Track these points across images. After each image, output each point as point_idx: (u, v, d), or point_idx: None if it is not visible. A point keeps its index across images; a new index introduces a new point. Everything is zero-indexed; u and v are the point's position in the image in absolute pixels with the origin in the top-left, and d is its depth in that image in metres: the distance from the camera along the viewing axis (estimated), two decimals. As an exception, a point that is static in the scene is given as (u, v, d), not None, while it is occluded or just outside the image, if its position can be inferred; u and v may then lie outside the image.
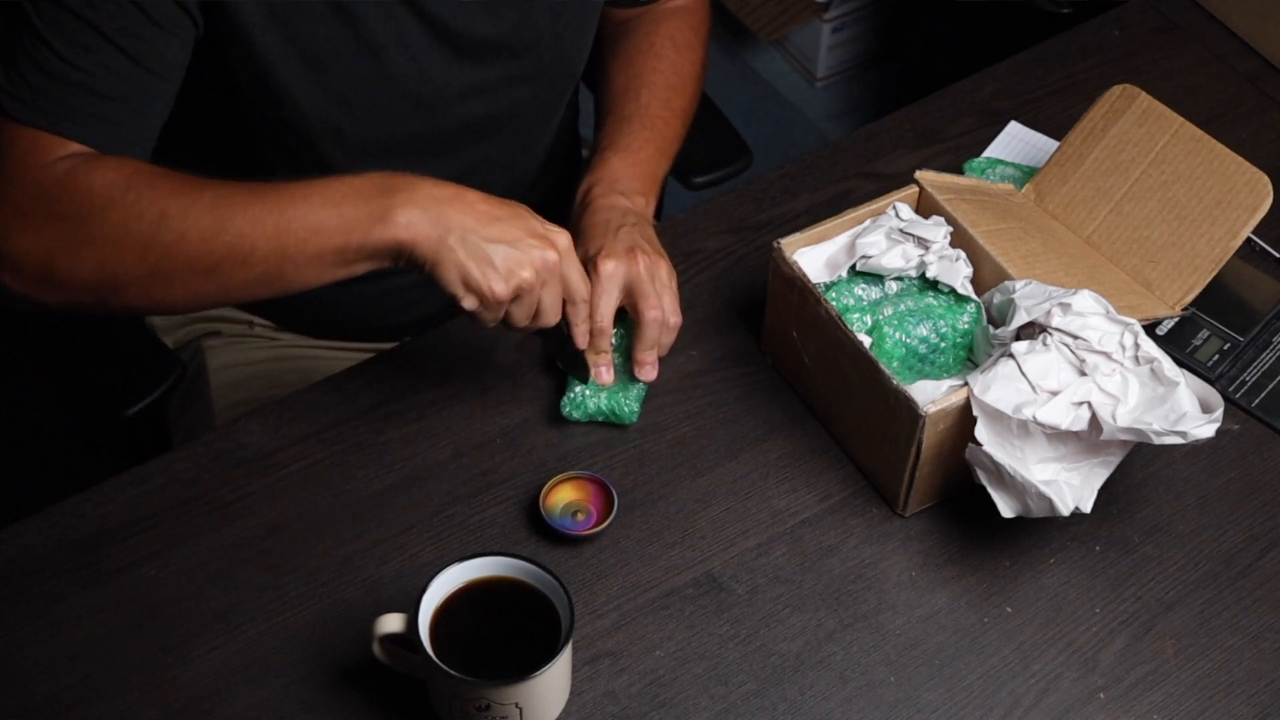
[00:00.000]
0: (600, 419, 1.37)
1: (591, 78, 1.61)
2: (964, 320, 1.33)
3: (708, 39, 1.62)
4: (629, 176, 1.43)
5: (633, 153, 1.45)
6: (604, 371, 1.36)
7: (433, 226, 1.22)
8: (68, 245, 1.23)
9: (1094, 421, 1.22)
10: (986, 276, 1.35)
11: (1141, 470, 1.36)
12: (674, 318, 1.36)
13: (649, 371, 1.36)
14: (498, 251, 1.23)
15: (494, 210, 1.24)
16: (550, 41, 1.44)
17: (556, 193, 1.66)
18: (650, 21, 1.57)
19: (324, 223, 1.22)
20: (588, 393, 1.36)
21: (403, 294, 1.56)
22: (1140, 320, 1.28)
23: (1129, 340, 1.24)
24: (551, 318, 1.28)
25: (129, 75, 1.25)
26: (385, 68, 1.36)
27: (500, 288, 1.23)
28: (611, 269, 1.33)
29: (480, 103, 1.44)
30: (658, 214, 1.83)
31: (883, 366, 1.27)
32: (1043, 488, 1.21)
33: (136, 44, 1.24)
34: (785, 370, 1.42)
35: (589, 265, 1.34)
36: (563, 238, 1.26)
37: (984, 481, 1.24)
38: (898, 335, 1.32)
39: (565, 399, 1.37)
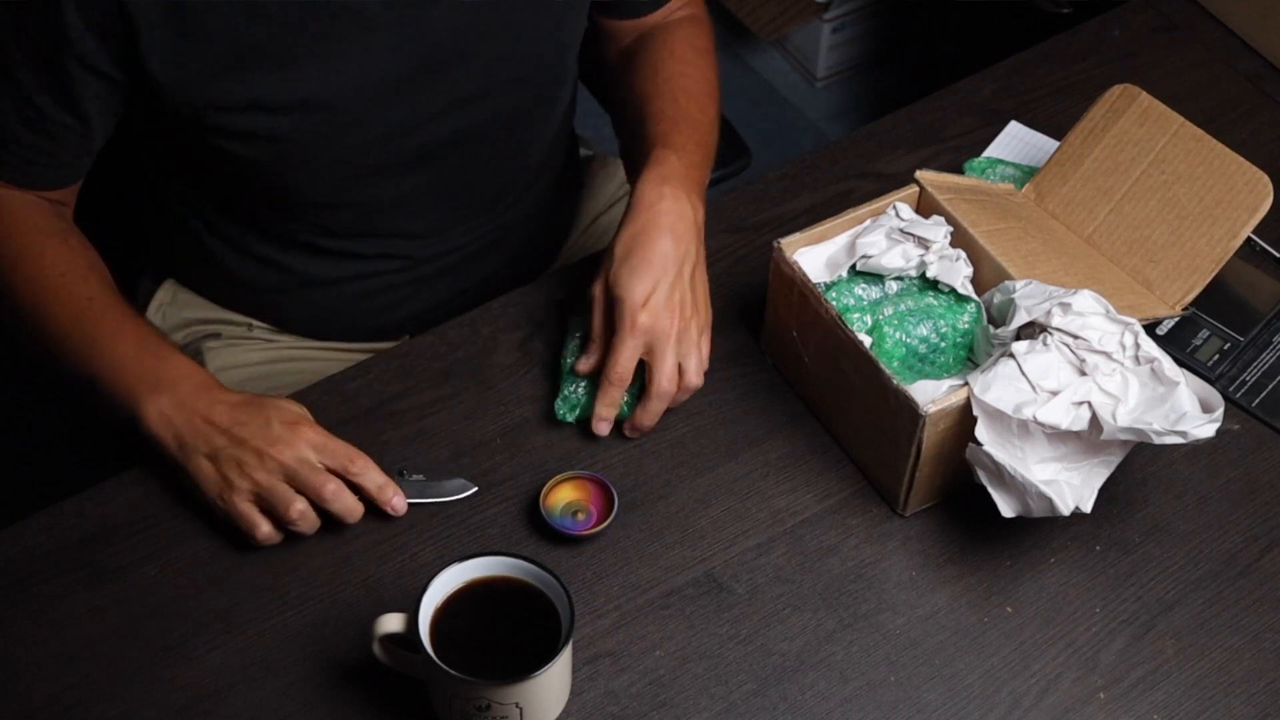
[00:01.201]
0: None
1: (606, 90, 1.60)
2: (964, 320, 1.33)
3: (714, 43, 1.61)
4: (687, 179, 1.39)
5: (687, 153, 1.41)
6: (602, 425, 1.35)
7: (174, 437, 1.29)
8: None
9: (1094, 421, 1.22)
10: (986, 276, 1.35)
11: (1141, 470, 1.36)
12: (694, 380, 1.35)
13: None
14: (218, 469, 1.28)
15: (230, 418, 1.28)
16: (525, 52, 1.42)
17: (555, 194, 1.65)
18: (666, 31, 1.55)
19: (99, 386, 1.32)
20: (580, 392, 1.36)
21: (394, 291, 1.56)
22: (1140, 320, 1.28)
23: (1129, 340, 1.25)
24: (287, 509, 1.26)
25: (23, 137, 1.34)
26: (350, 100, 1.35)
27: (228, 499, 1.27)
28: (646, 324, 1.32)
29: (455, 118, 1.42)
30: None
31: (883, 366, 1.27)
32: (1043, 487, 1.21)
33: (30, 112, 1.32)
34: (785, 370, 1.42)
35: (623, 301, 1.32)
36: (290, 449, 1.27)
37: (984, 481, 1.24)
38: (898, 335, 1.32)
39: (559, 400, 1.37)
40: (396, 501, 1.30)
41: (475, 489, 1.34)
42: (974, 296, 1.35)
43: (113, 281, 1.39)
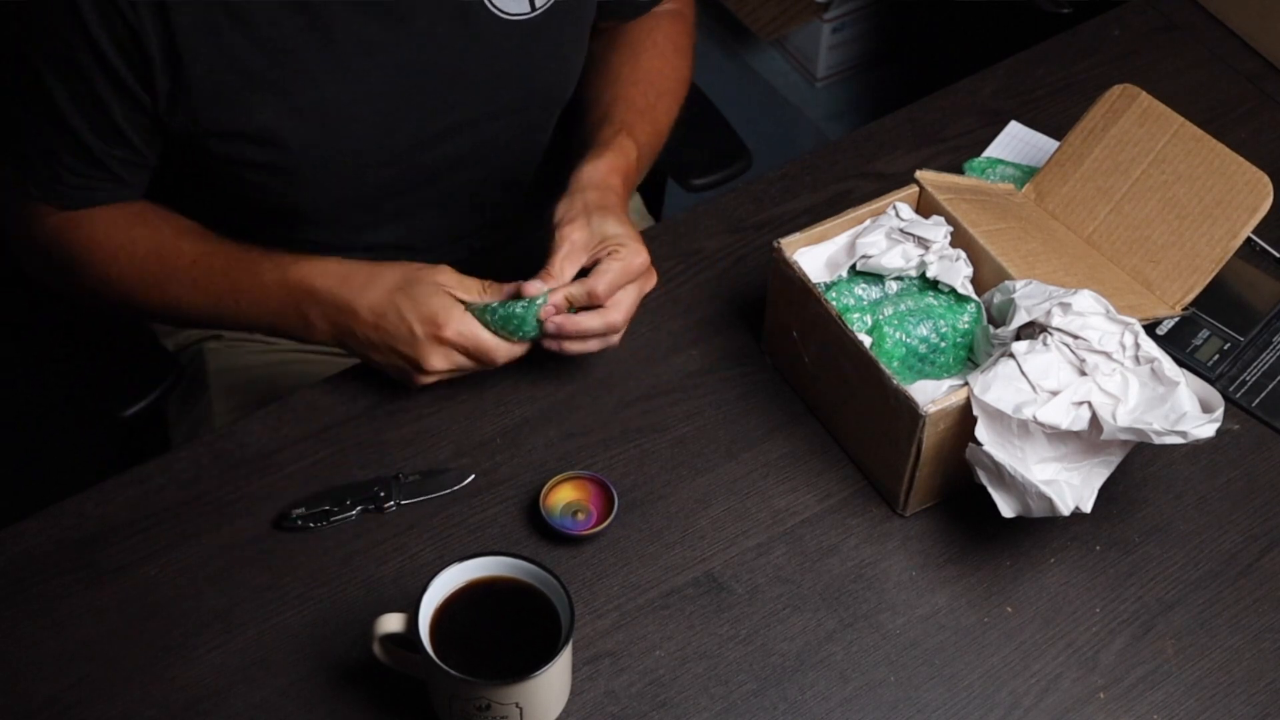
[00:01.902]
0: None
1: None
2: (964, 320, 1.33)
3: (694, 38, 1.61)
4: (632, 174, 1.42)
5: (640, 151, 1.44)
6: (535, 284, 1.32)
7: (339, 342, 1.36)
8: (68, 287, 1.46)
9: (1094, 421, 1.22)
10: (986, 276, 1.35)
11: (1141, 470, 1.36)
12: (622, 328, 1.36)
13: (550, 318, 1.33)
14: (390, 366, 1.35)
15: (377, 335, 1.33)
16: (527, 73, 1.42)
17: (549, 200, 1.65)
18: (652, 22, 1.56)
19: (256, 329, 1.41)
20: (518, 310, 1.32)
21: None
22: (1140, 320, 1.28)
23: (1129, 340, 1.25)
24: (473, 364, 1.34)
25: (82, 171, 1.37)
26: (352, 126, 1.36)
27: (420, 383, 1.35)
28: (644, 265, 1.33)
29: (457, 141, 1.43)
30: (657, 216, 1.83)
31: (883, 366, 1.27)
32: (1043, 487, 1.21)
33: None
34: (785, 370, 1.42)
35: (629, 244, 1.32)
36: (435, 356, 1.32)
37: (984, 481, 1.24)
38: (898, 335, 1.32)
39: (512, 325, 1.33)
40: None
41: (473, 476, 1.34)
42: (974, 296, 1.35)
43: (201, 228, 1.41)
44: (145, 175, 1.40)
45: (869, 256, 1.35)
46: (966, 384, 1.24)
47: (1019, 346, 1.25)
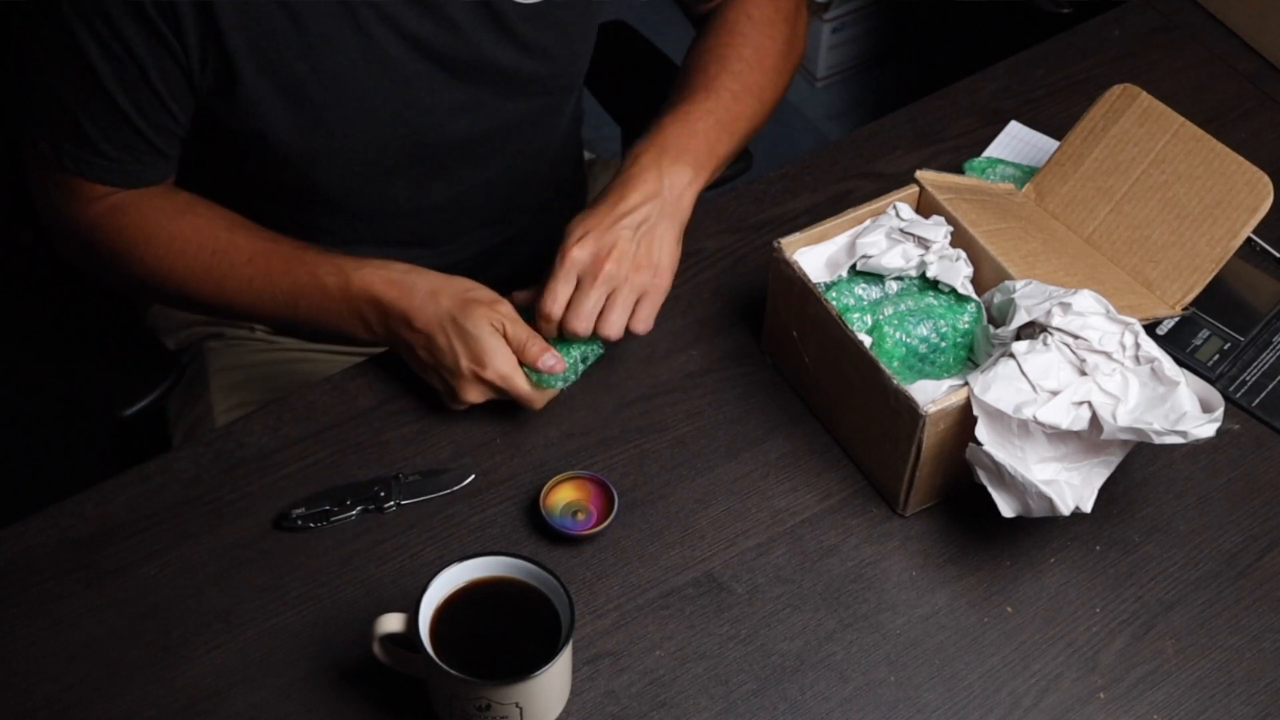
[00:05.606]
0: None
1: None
2: (964, 320, 1.33)
3: (795, 16, 1.56)
4: (680, 146, 1.40)
5: (690, 122, 1.42)
6: (550, 359, 1.33)
7: (390, 344, 1.39)
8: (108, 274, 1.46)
9: (1094, 421, 1.22)
10: (986, 276, 1.35)
11: (1141, 470, 1.36)
12: (612, 332, 1.34)
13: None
14: (429, 380, 1.38)
15: (429, 356, 1.35)
16: (538, 59, 1.43)
17: (561, 200, 1.65)
18: (732, 5, 1.54)
19: (324, 326, 1.40)
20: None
21: None
22: (1140, 320, 1.28)
23: (1129, 340, 1.25)
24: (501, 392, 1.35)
25: (132, 141, 1.36)
26: (367, 95, 1.36)
27: (454, 408, 1.38)
28: (576, 258, 1.33)
29: (470, 120, 1.43)
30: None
31: (883, 366, 1.27)
32: (1043, 487, 1.21)
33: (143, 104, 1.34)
34: (785, 370, 1.42)
35: (562, 240, 1.34)
36: (472, 392, 1.35)
37: (984, 481, 1.24)
38: (898, 335, 1.32)
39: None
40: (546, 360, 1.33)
41: (474, 476, 1.34)
42: (974, 296, 1.35)
43: (250, 222, 1.41)
44: (178, 147, 1.40)
45: (869, 256, 1.35)
46: (966, 384, 1.24)
47: (1019, 346, 1.25)
